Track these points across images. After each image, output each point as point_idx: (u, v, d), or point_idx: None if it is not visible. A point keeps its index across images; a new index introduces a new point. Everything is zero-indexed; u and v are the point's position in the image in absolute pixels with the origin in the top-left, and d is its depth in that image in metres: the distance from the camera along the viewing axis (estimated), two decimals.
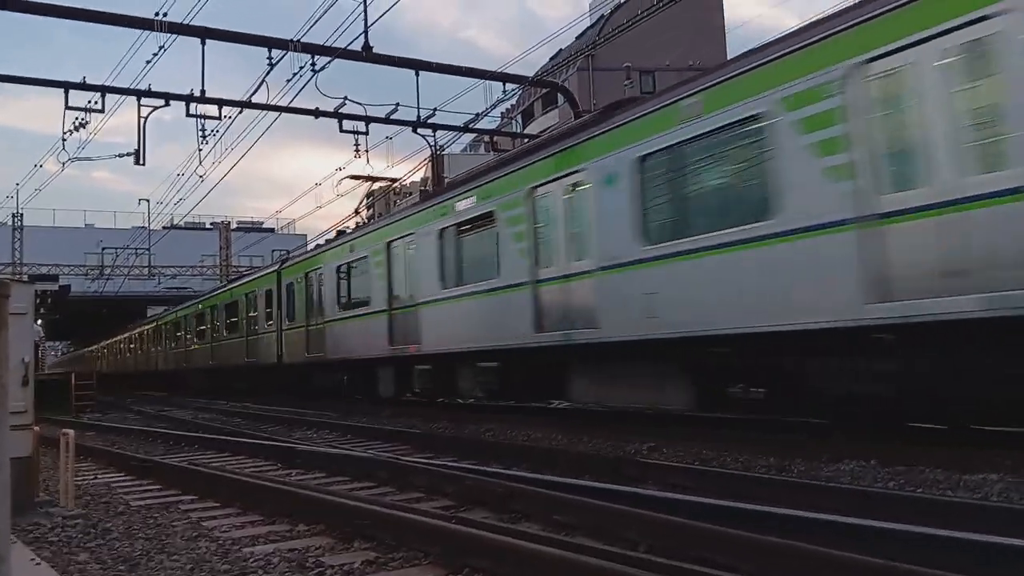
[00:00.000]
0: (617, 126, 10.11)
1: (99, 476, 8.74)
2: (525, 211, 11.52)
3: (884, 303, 6.93)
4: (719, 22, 42.27)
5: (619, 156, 9.89)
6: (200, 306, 31.73)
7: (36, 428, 6.60)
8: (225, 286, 31.35)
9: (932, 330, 6.71)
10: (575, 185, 10.72)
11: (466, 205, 13.09)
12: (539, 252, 11.31)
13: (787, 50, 8.01)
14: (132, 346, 47.55)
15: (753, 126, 8.23)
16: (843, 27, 7.45)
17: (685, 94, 9.16)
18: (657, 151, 9.42)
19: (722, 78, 8.74)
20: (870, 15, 7.21)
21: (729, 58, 11.07)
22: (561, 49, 41.02)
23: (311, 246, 27.68)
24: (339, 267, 18.30)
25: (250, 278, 26.94)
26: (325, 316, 18.83)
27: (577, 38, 39.88)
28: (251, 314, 24.83)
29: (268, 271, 24.33)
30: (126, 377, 46.24)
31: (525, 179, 11.65)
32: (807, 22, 8.64)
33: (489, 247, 12.39)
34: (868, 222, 7.09)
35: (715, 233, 8.58)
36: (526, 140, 25.71)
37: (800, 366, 8.17)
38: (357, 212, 31.37)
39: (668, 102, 9.39)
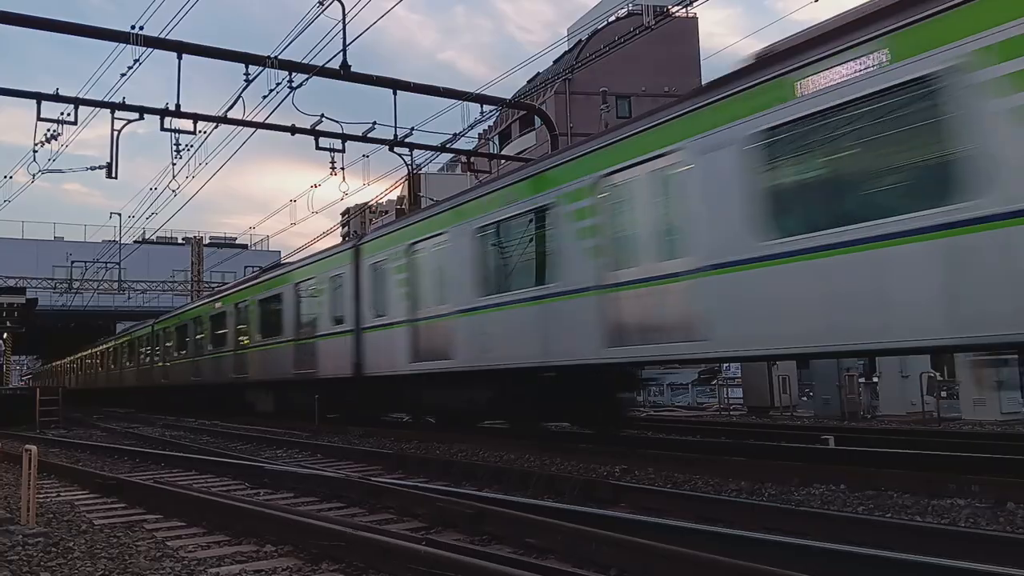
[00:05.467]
0: (459, 205, 13.03)
1: (62, 494, 8.55)
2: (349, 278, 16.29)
3: (615, 347, 9.64)
4: (694, 50, 42.92)
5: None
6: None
7: None
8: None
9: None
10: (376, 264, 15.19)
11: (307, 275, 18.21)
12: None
13: (565, 159, 10.73)
14: (118, 358, 41.10)
15: (547, 211, 10.86)
16: (596, 148, 10.19)
17: (509, 183, 11.86)
18: (491, 224, 12.03)
19: (531, 174, 11.43)
20: (607, 142, 10.00)
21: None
22: (539, 72, 41.43)
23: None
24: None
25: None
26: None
27: (555, 62, 40.28)
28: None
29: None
30: (107, 393, 42.96)
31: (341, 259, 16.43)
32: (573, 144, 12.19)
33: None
34: (605, 289, 9.78)
35: (519, 291, 11.35)
36: (503, 162, 25.81)
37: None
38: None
39: (497, 188, 12.16)
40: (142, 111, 16.54)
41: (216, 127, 17.66)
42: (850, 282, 6.99)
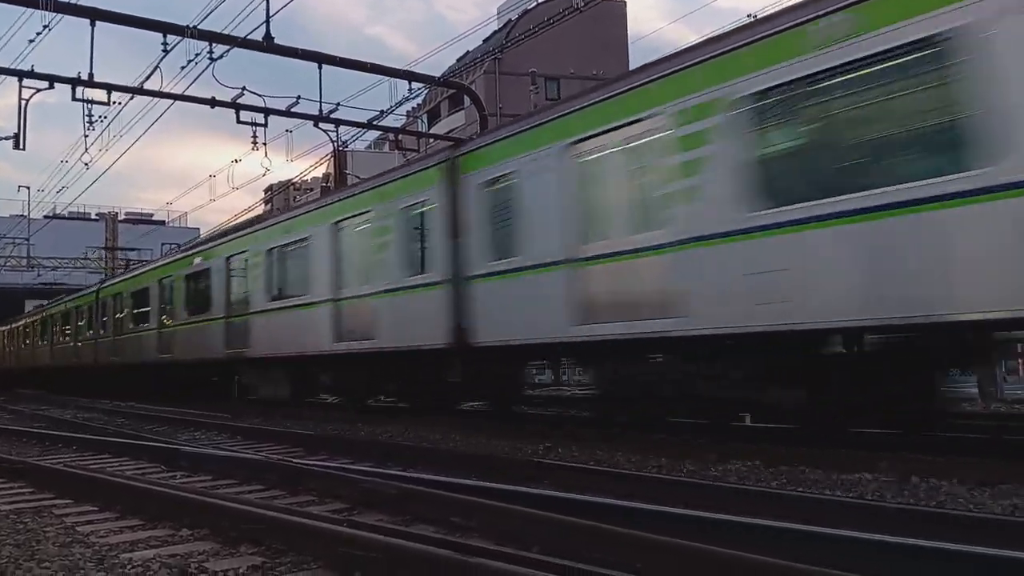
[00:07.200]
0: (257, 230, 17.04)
1: None
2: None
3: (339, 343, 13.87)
4: (622, 34, 43.29)
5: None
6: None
7: None
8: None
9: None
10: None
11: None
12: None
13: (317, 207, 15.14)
14: (32, 338, 39.65)
15: (307, 241, 14.86)
16: (339, 199, 14.49)
17: (328, 202, 15.15)
18: (275, 247, 16.05)
19: (301, 213, 15.65)
20: (343, 197, 14.54)
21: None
22: (468, 51, 41.14)
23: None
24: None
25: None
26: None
27: (484, 41, 40.06)
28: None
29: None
30: (24, 373, 40.81)
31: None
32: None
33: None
34: (337, 301, 14.07)
35: (294, 298, 15.07)
36: (432, 141, 25.59)
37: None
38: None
39: (280, 221, 16.25)
40: (52, 80, 15.80)
41: (132, 98, 17.03)
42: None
